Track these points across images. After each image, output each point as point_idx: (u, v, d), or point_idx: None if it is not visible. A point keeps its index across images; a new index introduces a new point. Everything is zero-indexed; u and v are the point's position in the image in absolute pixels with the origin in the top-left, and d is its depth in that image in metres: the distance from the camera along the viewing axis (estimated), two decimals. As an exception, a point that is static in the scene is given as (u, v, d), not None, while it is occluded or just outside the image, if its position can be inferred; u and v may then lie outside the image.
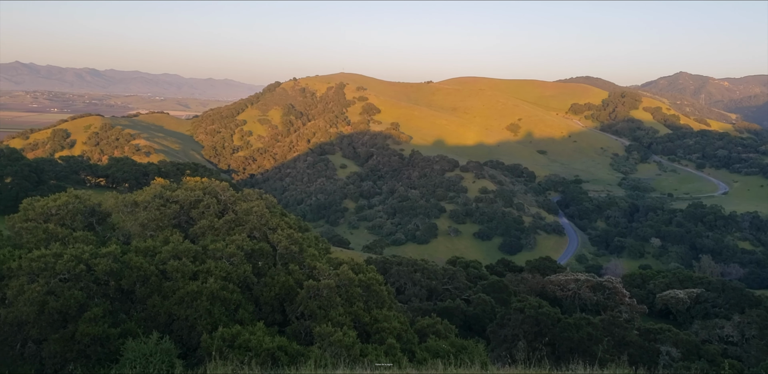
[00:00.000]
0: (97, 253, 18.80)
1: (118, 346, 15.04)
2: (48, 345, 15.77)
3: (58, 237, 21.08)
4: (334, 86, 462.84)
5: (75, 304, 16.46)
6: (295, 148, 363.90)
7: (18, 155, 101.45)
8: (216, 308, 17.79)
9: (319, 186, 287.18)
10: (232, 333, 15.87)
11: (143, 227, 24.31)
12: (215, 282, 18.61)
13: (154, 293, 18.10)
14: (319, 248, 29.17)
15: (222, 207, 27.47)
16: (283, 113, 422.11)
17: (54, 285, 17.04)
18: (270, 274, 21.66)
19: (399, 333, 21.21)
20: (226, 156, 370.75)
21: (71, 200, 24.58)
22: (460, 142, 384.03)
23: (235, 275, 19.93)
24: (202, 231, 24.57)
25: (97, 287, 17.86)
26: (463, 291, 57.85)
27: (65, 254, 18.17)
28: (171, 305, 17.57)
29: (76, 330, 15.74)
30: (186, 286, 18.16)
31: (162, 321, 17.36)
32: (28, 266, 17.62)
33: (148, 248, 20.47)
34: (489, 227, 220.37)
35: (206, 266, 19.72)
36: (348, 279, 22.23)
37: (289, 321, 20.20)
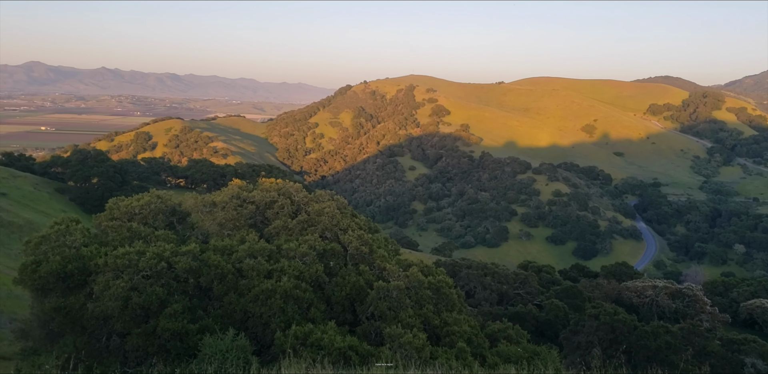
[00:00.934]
0: (178, 251, 19.49)
1: (196, 342, 15.56)
2: (131, 339, 16.48)
3: (141, 236, 21.98)
4: (403, 88, 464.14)
5: (156, 300, 17.13)
6: (365, 150, 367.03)
7: (104, 157, 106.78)
8: (289, 306, 18.13)
9: (388, 188, 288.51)
10: (304, 332, 16.14)
11: (221, 226, 25.05)
12: (289, 281, 18.97)
13: (231, 290, 18.62)
14: (388, 250, 29.29)
15: (295, 208, 27.98)
16: (354, 115, 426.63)
17: (137, 281, 17.79)
18: (341, 274, 21.89)
19: (469, 336, 21.02)
20: (298, 158, 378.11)
21: (153, 200, 25.59)
22: (532, 143, 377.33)
23: (307, 274, 20.26)
24: (276, 231, 25.09)
25: (177, 284, 18.52)
26: (534, 296, 56.76)
27: (148, 251, 18.94)
28: (246, 302, 18.03)
29: (157, 325, 16.38)
30: (261, 284, 18.59)
31: (238, 318, 17.85)
32: (114, 263, 18.45)
33: (226, 247, 21.07)
34: (562, 231, 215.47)
35: (280, 265, 20.13)
36: (417, 281, 22.21)
37: (360, 321, 20.36)
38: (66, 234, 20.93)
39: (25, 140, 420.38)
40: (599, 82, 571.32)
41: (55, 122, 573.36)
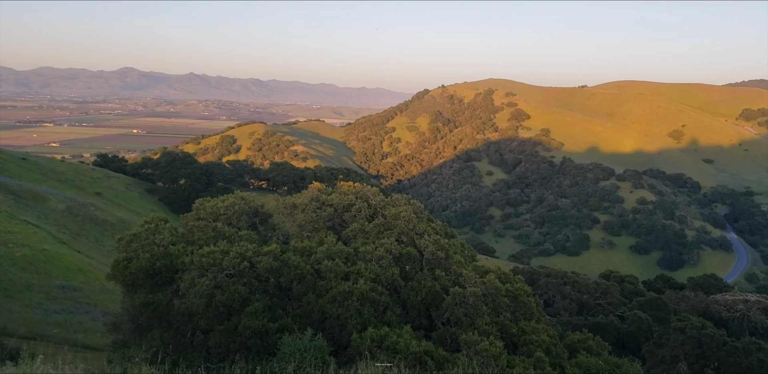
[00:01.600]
0: (260, 251, 20.01)
1: (275, 340, 15.91)
2: (214, 336, 17.04)
3: (225, 235, 22.70)
4: (482, 92, 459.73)
5: (239, 298, 17.65)
6: (442, 154, 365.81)
7: (191, 159, 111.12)
8: (365, 308, 18.26)
9: (465, 193, 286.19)
10: (380, 334, 16.20)
11: (300, 228, 25.52)
12: (365, 283, 19.11)
13: (309, 291, 18.94)
14: (465, 255, 28.98)
15: (372, 211, 28.16)
16: (431, 119, 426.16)
17: (221, 279, 18.38)
18: (417, 278, 21.85)
19: (548, 346, 20.50)
20: (375, 162, 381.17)
21: (237, 202, 26.39)
22: (616, 149, 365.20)
23: (383, 277, 20.35)
24: (353, 234, 25.34)
25: (259, 283, 19.01)
26: (616, 306, 54.81)
27: (231, 251, 19.54)
28: (324, 303, 18.29)
29: (239, 323, 16.87)
30: (338, 286, 18.82)
31: (315, 319, 18.12)
32: (199, 262, 19.14)
33: (305, 249, 21.46)
34: (647, 241, 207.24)
35: (357, 268, 20.32)
36: (495, 288, 21.87)
37: (435, 327, 20.25)
38: (155, 233, 21.90)
39: (118, 143, 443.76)
40: (688, 86, 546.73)
41: (146, 126, 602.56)
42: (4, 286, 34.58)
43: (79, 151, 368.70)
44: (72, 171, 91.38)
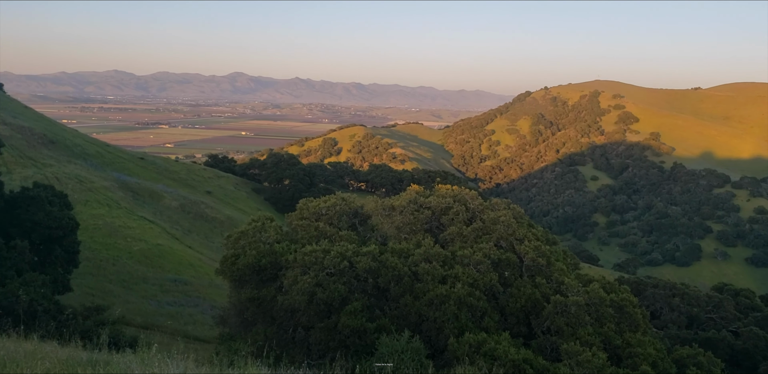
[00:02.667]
0: (359, 251, 20.38)
1: (373, 340, 16.15)
2: (314, 333, 17.53)
3: (326, 235, 23.29)
4: (587, 94, 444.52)
5: (338, 297, 18.06)
6: (543, 158, 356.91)
7: (295, 161, 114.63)
8: (463, 313, 18.17)
9: (567, 198, 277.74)
10: (478, 340, 16.07)
11: (398, 230, 25.75)
12: (462, 288, 19.01)
13: (407, 293, 19.08)
14: (567, 263, 28.22)
15: (470, 215, 27.96)
16: (532, 122, 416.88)
17: (322, 278, 18.87)
18: (516, 285, 21.49)
19: (654, 360, 19.57)
20: (473, 165, 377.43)
21: (339, 202, 27.00)
22: (732, 155, 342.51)
23: (481, 282, 20.16)
24: (451, 237, 25.27)
25: (358, 283, 19.36)
26: (730, 321, 51.39)
27: (332, 250, 20.03)
28: (421, 306, 18.36)
29: (338, 321, 17.26)
30: (435, 289, 18.84)
31: (413, 321, 18.23)
32: (302, 260, 19.75)
33: (403, 250, 21.63)
34: (765, 253, 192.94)
35: (454, 272, 20.25)
36: (598, 298, 21.14)
37: (535, 335, 19.83)
38: (261, 231, 22.80)
39: (228, 144, 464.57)
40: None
41: (253, 128, 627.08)
42: (122, 278, 37.15)
43: (191, 151, 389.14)
44: (185, 171, 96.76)
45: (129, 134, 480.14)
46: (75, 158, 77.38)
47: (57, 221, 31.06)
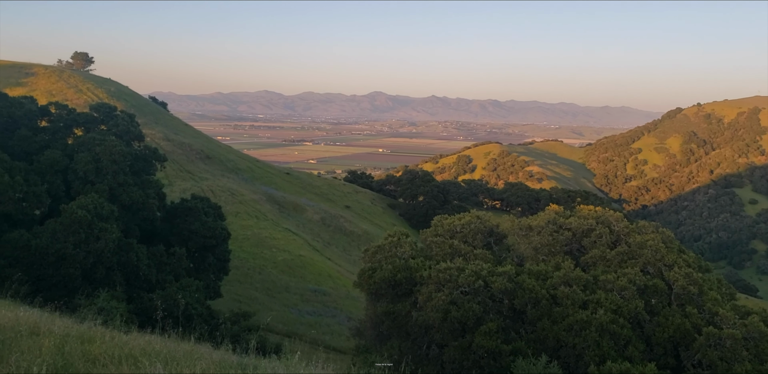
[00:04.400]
0: (494, 271, 20.15)
1: (508, 363, 15.86)
2: (448, 351, 17.50)
3: (461, 253, 23.26)
4: (746, 111, 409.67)
5: (473, 316, 17.93)
6: (695, 179, 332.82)
7: (429, 177, 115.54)
8: (605, 340, 17.35)
9: (722, 223, 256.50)
10: (621, 370, 15.27)
11: (536, 251, 25.15)
12: (605, 314, 18.19)
13: (544, 316, 18.55)
14: (721, 293, 26.06)
15: (614, 238, 26.71)
16: (683, 140, 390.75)
17: (456, 296, 18.85)
18: (664, 314, 20.18)
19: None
20: (617, 185, 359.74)
21: (474, 220, 26.89)
22: None
23: (625, 309, 19.16)
24: (593, 261, 24.27)
25: (493, 303, 19.13)
26: None
27: (467, 269, 19.96)
28: (560, 330, 17.77)
29: (472, 341, 17.13)
30: (575, 314, 18.17)
31: (550, 345, 17.68)
32: (436, 277, 19.86)
33: (540, 272, 21.10)
34: None
35: (596, 297, 19.43)
36: (758, 332, 19.32)
37: (684, 368, 18.49)
38: (397, 246, 23.23)
39: (365, 161, 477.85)
40: None
41: (390, 145, 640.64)
42: (267, 286, 39.27)
43: (332, 167, 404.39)
44: (326, 186, 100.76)
45: (276, 151, 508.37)
46: (228, 172, 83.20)
47: (211, 231, 33.52)
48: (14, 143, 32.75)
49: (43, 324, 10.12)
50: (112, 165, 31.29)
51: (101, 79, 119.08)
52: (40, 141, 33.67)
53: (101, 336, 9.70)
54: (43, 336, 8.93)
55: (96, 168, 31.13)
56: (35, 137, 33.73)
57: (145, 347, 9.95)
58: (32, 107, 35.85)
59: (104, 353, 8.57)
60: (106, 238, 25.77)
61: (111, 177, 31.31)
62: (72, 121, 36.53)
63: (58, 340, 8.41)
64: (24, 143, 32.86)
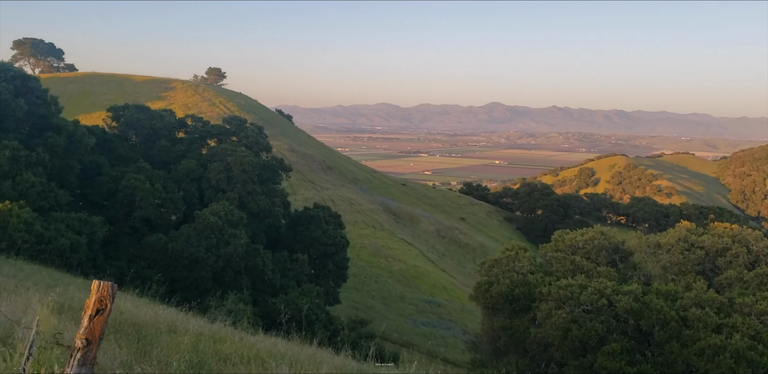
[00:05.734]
0: (619, 290, 19.28)
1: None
2: (568, 370, 16.93)
3: (583, 270, 22.47)
4: None
5: (595, 336, 17.24)
6: None
7: (549, 191, 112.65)
8: (741, 368, 16.09)
9: None
10: (760, 402, 14.09)
11: (665, 270, 23.84)
12: (742, 340, 16.87)
13: (673, 339, 17.49)
14: None
15: (753, 258, 24.76)
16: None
17: (577, 314, 18.22)
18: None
19: None
20: (755, 202, 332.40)
21: (597, 236, 25.90)
22: None
23: (765, 335, 17.67)
24: (728, 282, 22.63)
25: (617, 323, 18.30)
26: None
27: (589, 286, 19.25)
28: (690, 355, 16.68)
29: (594, 361, 16.46)
30: (708, 338, 16.99)
31: (679, 370, 16.64)
32: (556, 293, 19.30)
33: (669, 292, 19.94)
34: None
35: (731, 321, 18.07)
36: None
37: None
38: (515, 260, 22.82)
39: (481, 172, 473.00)
40: None
41: (507, 157, 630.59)
42: (383, 295, 39.84)
43: (447, 179, 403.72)
44: (441, 197, 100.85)
45: (392, 162, 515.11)
46: (347, 183, 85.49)
47: (332, 239, 34.58)
48: (155, 153, 35.49)
49: (179, 322, 10.84)
50: (242, 174, 33.11)
51: (232, 93, 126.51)
52: (178, 151, 36.26)
53: (231, 337, 10.28)
54: (180, 334, 9.55)
55: (227, 177, 33.07)
56: (173, 147, 36.38)
57: (271, 349, 10.43)
58: (171, 119, 38.71)
59: (234, 353, 9.08)
60: (235, 243, 27.27)
61: (241, 186, 33.12)
62: (206, 132, 39.08)
63: (193, 338, 8.97)
64: (163, 153, 35.53)
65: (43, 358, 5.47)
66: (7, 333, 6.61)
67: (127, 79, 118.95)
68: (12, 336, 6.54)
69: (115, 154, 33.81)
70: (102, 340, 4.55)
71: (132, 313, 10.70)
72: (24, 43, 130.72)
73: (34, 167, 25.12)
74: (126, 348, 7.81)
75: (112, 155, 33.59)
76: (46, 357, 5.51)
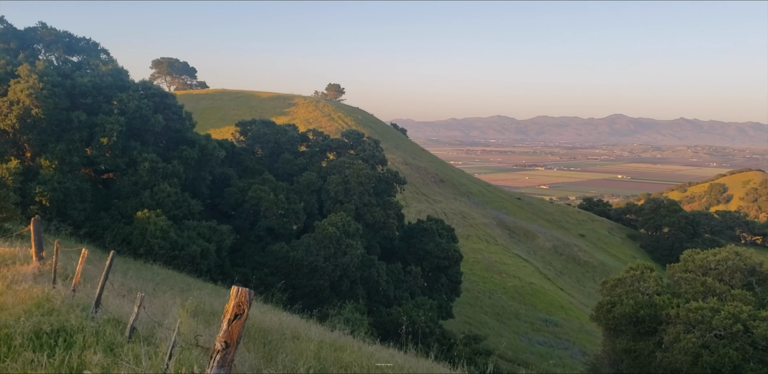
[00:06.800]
0: (756, 315, 17.86)
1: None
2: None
3: (715, 292, 20.99)
4: None
5: (729, 363, 16.05)
6: None
7: (676, 207, 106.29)
8: None
9: None
10: None
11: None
12: None
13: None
14: None
15: None
16: None
17: (709, 339, 17.04)
18: None
19: None
20: None
21: (731, 256, 24.11)
22: None
23: None
24: None
25: (754, 350, 16.93)
26: None
27: (722, 310, 17.96)
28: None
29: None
30: None
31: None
32: (686, 316, 18.15)
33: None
34: None
35: None
36: None
37: None
38: (640, 280, 21.71)
39: (602, 187, 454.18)
40: None
41: (630, 171, 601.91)
42: (496, 311, 39.15)
43: (565, 194, 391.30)
44: (559, 212, 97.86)
45: (507, 175, 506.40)
46: (460, 196, 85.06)
47: (445, 252, 34.50)
48: (278, 166, 37.13)
49: (301, 329, 11.22)
50: (358, 187, 33.89)
51: (350, 108, 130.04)
52: (299, 164, 37.73)
53: (351, 346, 10.50)
54: (303, 340, 9.87)
55: (345, 189, 33.97)
56: (295, 160, 37.90)
57: (389, 359, 10.55)
58: (294, 133, 40.40)
59: (354, 361, 9.26)
60: (351, 253, 27.90)
61: (357, 197, 33.90)
62: (326, 146, 40.40)
63: (315, 345, 9.25)
64: (286, 166, 37.10)
65: (184, 358, 5.86)
66: (149, 332, 7.12)
67: (254, 96, 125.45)
68: (154, 335, 7.04)
69: (243, 166, 35.71)
70: (239, 344, 4.82)
71: (258, 318, 11.19)
72: (161, 63, 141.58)
73: (170, 178, 27.02)
74: (254, 351, 8.19)
75: (240, 167, 35.51)
76: (186, 357, 5.90)
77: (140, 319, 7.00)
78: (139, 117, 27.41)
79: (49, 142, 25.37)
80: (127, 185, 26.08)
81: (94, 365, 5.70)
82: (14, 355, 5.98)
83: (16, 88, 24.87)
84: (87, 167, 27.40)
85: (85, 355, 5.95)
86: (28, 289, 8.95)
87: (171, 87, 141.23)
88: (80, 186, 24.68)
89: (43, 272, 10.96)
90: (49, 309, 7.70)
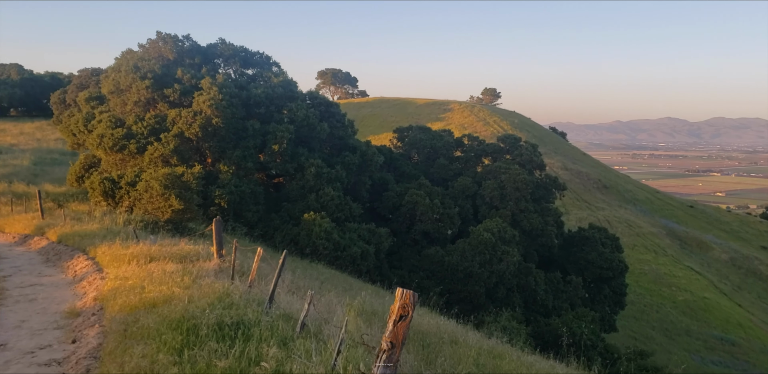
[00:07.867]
0: None
1: None
2: None
3: None
4: None
5: None
6: None
7: None
8: None
9: None
10: None
11: None
12: None
13: None
14: None
15: None
16: None
17: None
18: None
19: None
20: None
21: None
22: None
23: None
24: None
25: None
26: None
27: None
28: None
29: None
30: None
31: None
32: None
33: None
34: None
35: None
36: None
37: None
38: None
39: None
40: None
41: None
42: (665, 327, 36.48)
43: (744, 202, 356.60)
44: (737, 222, 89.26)
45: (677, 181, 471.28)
46: (625, 203, 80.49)
47: (608, 262, 32.82)
48: (434, 171, 37.52)
49: (459, 334, 11.22)
50: (515, 192, 33.29)
51: (506, 112, 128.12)
52: (454, 169, 37.86)
53: (509, 354, 10.31)
54: (461, 346, 9.87)
55: (500, 194, 33.52)
56: (450, 165, 38.07)
57: (549, 371, 10.24)
58: (449, 139, 40.61)
59: (513, 370, 9.09)
60: (507, 260, 27.45)
61: (513, 203, 33.30)
62: (481, 151, 40.16)
63: (474, 352, 9.20)
64: (441, 171, 37.38)
65: (350, 355, 6.10)
66: (317, 329, 7.49)
67: (410, 103, 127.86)
68: (321, 332, 7.40)
69: (400, 171, 36.53)
70: (403, 345, 4.93)
71: (416, 320, 11.37)
72: (326, 74, 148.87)
73: (334, 182, 28.34)
74: (413, 353, 8.33)
75: (397, 172, 36.36)
76: (352, 354, 6.14)
77: (309, 316, 7.40)
78: (306, 125, 29.08)
79: (227, 148, 27.68)
80: (295, 188, 27.74)
81: (270, 357, 6.11)
82: (201, 344, 6.58)
83: (200, 100, 27.41)
84: (260, 171, 29.53)
85: (261, 347, 6.40)
86: (210, 284, 9.80)
87: (334, 96, 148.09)
88: (254, 190, 26.64)
89: (223, 269, 11.96)
90: (229, 303, 8.36)
